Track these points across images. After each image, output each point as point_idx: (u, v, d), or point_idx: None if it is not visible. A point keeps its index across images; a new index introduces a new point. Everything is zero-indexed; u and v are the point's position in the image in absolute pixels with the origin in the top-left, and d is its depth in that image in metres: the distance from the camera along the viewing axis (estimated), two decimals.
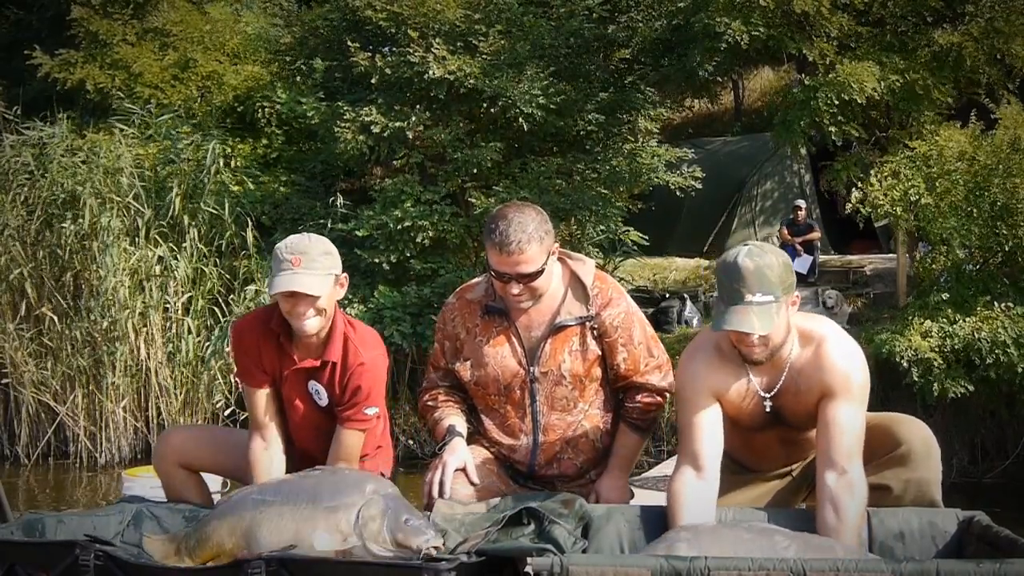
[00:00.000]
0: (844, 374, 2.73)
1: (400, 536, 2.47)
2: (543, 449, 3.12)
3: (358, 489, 2.57)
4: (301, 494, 2.58)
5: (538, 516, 2.56)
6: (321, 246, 3.05)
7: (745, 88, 19.14)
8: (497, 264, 2.95)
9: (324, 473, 2.73)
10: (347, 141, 10.39)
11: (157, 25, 12.76)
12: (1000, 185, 8.98)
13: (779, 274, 2.65)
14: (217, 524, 2.65)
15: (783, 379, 2.79)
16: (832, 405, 2.71)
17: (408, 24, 10.71)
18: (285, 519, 2.55)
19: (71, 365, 10.26)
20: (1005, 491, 8.83)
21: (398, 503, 2.55)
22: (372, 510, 2.51)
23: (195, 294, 10.42)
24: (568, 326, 3.07)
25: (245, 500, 2.66)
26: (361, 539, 2.49)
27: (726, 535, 2.47)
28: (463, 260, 10.87)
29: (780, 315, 2.66)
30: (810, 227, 13.42)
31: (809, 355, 2.77)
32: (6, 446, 10.66)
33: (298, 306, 2.99)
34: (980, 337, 8.65)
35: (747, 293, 2.61)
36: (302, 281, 2.95)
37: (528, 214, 2.96)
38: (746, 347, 2.72)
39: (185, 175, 10.79)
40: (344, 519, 2.51)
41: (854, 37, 10.51)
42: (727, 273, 2.66)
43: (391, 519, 2.49)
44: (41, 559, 2.49)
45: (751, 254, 2.65)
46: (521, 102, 10.14)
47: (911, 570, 2.20)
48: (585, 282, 3.09)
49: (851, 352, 2.78)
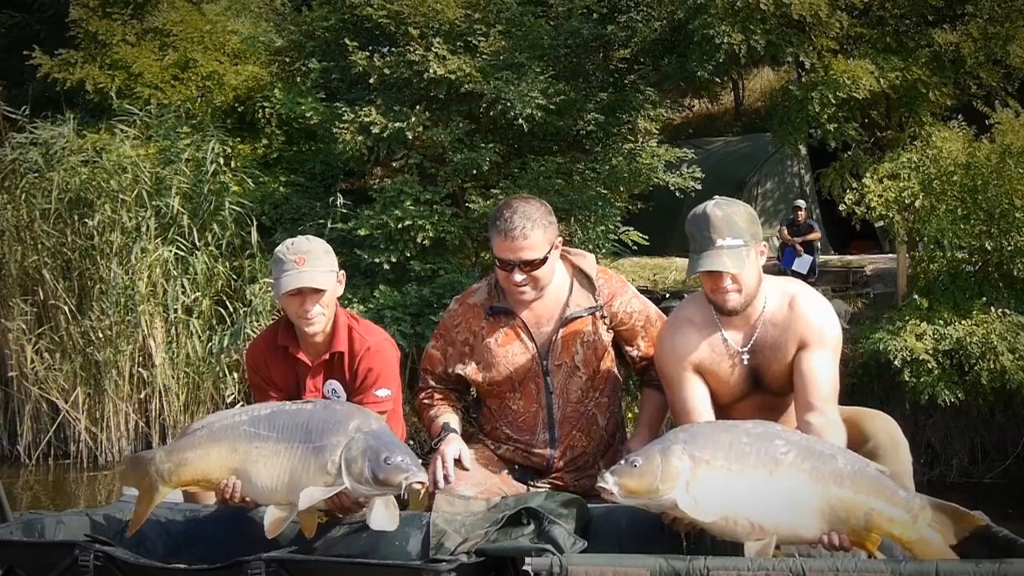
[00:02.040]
0: (818, 324, 2.84)
1: (381, 475, 2.48)
2: (560, 441, 3.16)
3: (343, 428, 2.56)
4: (295, 432, 2.58)
5: (537, 516, 2.56)
6: (320, 245, 3.16)
7: (745, 88, 19.15)
8: (501, 250, 3.04)
9: (316, 408, 2.69)
10: (346, 142, 10.39)
11: (157, 25, 12.74)
12: (995, 189, 8.95)
13: (746, 220, 2.81)
14: (203, 451, 2.62)
15: (757, 333, 2.88)
16: (807, 355, 2.81)
17: (408, 22, 10.70)
18: (281, 458, 2.56)
19: (78, 362, 10.27)
20: (1005, 491, 8.82)
21: (380, 440, 2.53)
22: (354, 450, 2.52)
23: (201, 294, 10.42)
24: (578, 317, 3.14)
25: (236, 430, 2.63)
26: (347, 481, 2.50)
27: (723, 439, 2.44)
28: (463, 260, 10.87)
29: (750, 258, 2.78)
30: (810, 227, 13.41)
31: (782, 309, 2.88)
32: (7, 446, 10.66)
33: (305, 303, 3.07)
34: (972, 341, 8.62)
35: (717, 238, 2.75)
36: (309, 276, 3.04)
37: (533, 204, 3.08)
38: (721, 294, 2.81)
39: (185, 175, 10.79)
40: (331, 460, 2.52)
41: (854, 37, 10.51)
42: (697, 224, 2.80)
43: (372, 458, 2.49)
44: (41, 560, 2.48)
45: (718, 204, 2.83)
46: (521, 103, 10.13)
47: (911, 570, 2.20)
48: (589, 273, 3.18)
49: (823, 306, 2.92)
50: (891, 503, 2.38)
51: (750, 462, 2.39)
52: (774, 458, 2.39)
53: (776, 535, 2.39)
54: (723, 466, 2.39)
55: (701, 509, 2.37)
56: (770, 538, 2.37)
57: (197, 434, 2.69)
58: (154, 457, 2.69)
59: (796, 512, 2.38)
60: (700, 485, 2.38)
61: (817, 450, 2.44)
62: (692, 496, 2.37)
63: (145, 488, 2.69)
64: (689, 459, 2.39)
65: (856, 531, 2.38)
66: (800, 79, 11.49)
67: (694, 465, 2.39)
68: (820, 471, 2.39)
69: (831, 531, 2.37)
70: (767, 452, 2.40)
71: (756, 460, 2.39)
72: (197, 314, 10.36)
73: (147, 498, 2.69)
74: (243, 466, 2.59)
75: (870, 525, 2.38)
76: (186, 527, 2.77)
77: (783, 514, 2.38)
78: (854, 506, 2.37)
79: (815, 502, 2.37)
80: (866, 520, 2.37)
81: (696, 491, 2.37)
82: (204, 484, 2.67)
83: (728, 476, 2.39)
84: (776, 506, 2.38)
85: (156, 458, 2.69)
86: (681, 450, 2.40)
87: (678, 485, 2.38)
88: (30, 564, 2.49)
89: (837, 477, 2.38)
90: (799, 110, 10.19)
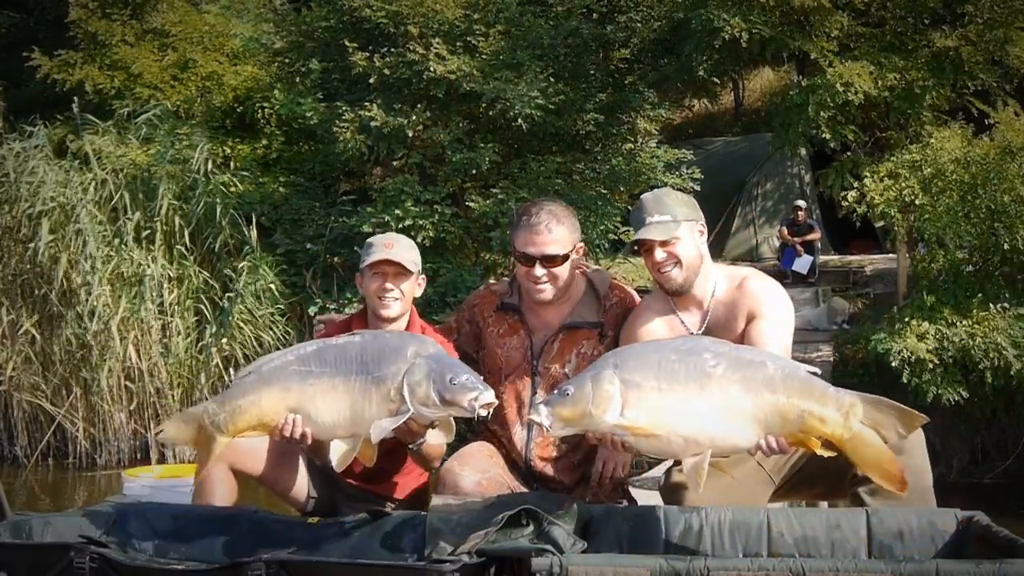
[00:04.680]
0: (764, 299, 2.97)
1: (448, 396, 2.47)
2: (537, 444, 3.19)
3: (400, 355, 2.54)
4: (349, 364, 2.55)
5: (537, 517, 2.55)
6: (409, 241, 3.32)
7: (745, 88, 19.14)
8: (524, 244, 3.12)
9: (365, 339, 2.66)
10: (346, 141, 10.38)
11: (156, 26, 12.74)
12: (996, 187, 8.94)
13: (678, 202, 3.02)
14: (255, 396, 2.60)
15: (710, 315, 3.03)
16: (754, 326, 2.92)
17: (407, 22, 10.69)
18: (339, 392, 2.54)
19: (63, 370, 10.24)
20: (1005, 491, 8.82)
21: (442, 363, 2.52)
22: (417, 375, 2.50)
23: (179, 295, 10.40)
24: (579, 328, 3.18)
25: (285, 370, 2.60)
26: (412, 406, 2.48)
27: (652, 359, 2.45)
28: (463, 260, 10.86)
29: (682, 232, 2.96)
30: (810, 227, 13.40)
31: (733, 290, 3.03)
32: (5, 447, 10.65)
33: (387, 281, 3.14)
34: (975, 343, 8.61)
35: (648, 216, 2.96)
36: (397, 253, 3.15)
37: (560, 205, 3.23)
38: (662, 272, 2.98)
39: (175, 177, 10.77)
40: (393, 388, 2.49)
41: (854, 37, 10.49)
42: (634, 212, 3.05)
43: (437, 380, 2.48)
44: (34, 562, 2.44)
45: (654, 192, 3.11)
46: (520, 103, 10.12)
47: (911, 570, 2.18)
48: (599, 290, 3.24)
49: (772, 285, 3.05)
50: (821, 403, 2.38)
51: (680, 379, 2.40)
52: (704, 372, 2.40)
53: (712, 448, 2.40)
54: (654, 386, 2.40)
55: (635, 430, 2.39)
56: (706, 452, 2.39)
57: (246, 380, 2.65)
58: (206, 410, 2.66)
59: (730, 423, 2.39)
60: (632, 407, 2.39)
61: (746, 359, 2.45)
62: (626, 418, 2.39)
63: (202, 443, 2.66)
64: (620, 382, 2.40)
65: (793, 434, 2.39)
66: (799, 81, 11.47)
67: (625, 388, 2.40)
68: (751, 379, 2.40)
69: (766, 436, 2.39)
70: (697, 367, 2.41)
71: (686, 376, 2.40)
72: (181, 314, 10.33)
73: (206, 452, 2.66)
74: (299, 405, 2.56)
75: (804, 427, 2.38)
76: (175, 527, 2.74)
77: (718, 427, 2.39)
78: (787, 409, 2.37)
79: (748, 411, 2.38)
80: (799, 422, 2.38)
81: (629, 414, 2.39)
82: (262, 429, 2.63)
83: (660, 395, 2.39)
84: (710, 420, 2.39)
85: (209, 411, 2.65)
86: (612, 374, 2.41)
87: (611, 409, 2.39)
88: (23, 566, 2.45)
89: (768, 383, 2.39)
90: (798, 114, 10.17)
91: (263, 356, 2.76)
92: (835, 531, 2.55)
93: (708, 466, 2.61)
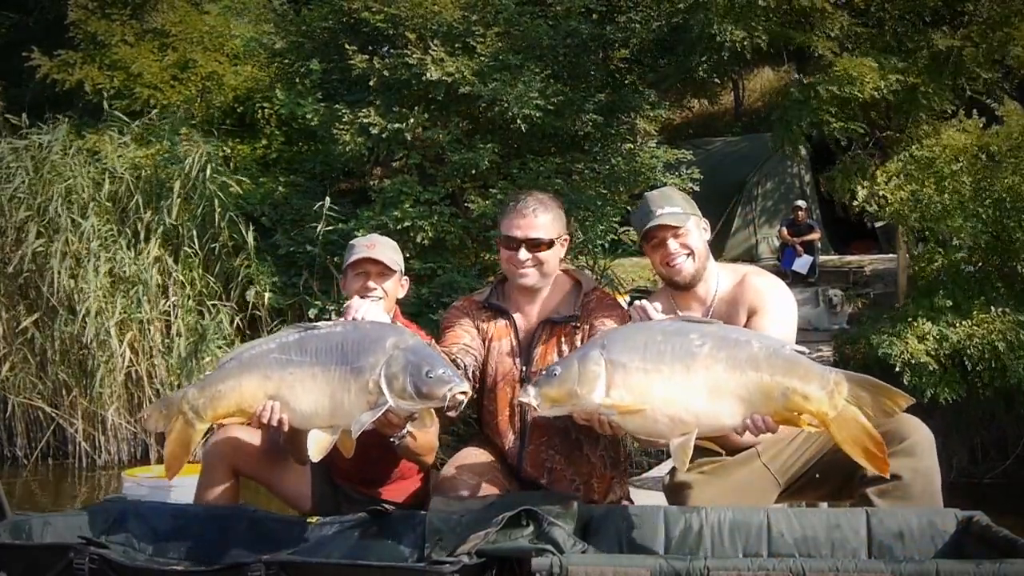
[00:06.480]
0: (766, 293, 2.98)
1: (425, 389, 2.46)
2: (529, 452, 3.14)
3: (379, 346, 2.53)
4: (330, 354, 2.55)
5: (537, 517, 2.55)
6: (391, 242, 3.35)
7: (745, 88, 19.16)
8: (509, 228, 3.12)
9: (347, 329, 2.65)
10: (346, 143, 10.38)
11: (156, 26, 12.75)
12: (1011, 175, 8.87)
13: (682, 198, 3.07)
14: (235, 382, 2.59)
15: (712, 312, 3.03)
16: (756, 319, 2.92)
17: (405, 25, 10.68)
18: (318, 381, 2.53)
19: (61, 372, 10.23)
20: (1005, 491, 8.82)
21: (420, 355, 2.51)
22: (394, 367, 2.49)
23: (181, 296, 10.40)
24: (557, 323, 3.14)
25: (266, 358, 2.60)
26: (390, 399, 2.47)
27: (638, 339, 2.47)
28: (462, 260, 10.85)
29: (691, 224, 3.00)
30: (810, 227, 13.41)
31: (735, 286, 3.04)
32: (5, 447, 10.64)
33: (369, 280, 3.17)
34: (973, 344, 8.60)
35: (657, 208, 2.99)
36: (380, 252, 3.18)
37: (547, 194, 3.26)
38: (673, 264, 2.98)
39: (175, 179, 10.76)
40: (371, 381, 2.49)
41: (853, 37, 10.48)
42: (639, 210, 3.07)
43: (413, 373, 2.47)
44: (34, 563, 2.44)
45: (658, 189, 3.18)
46: (518, 104, 10.11)
47: (911, 570, 2.18)
48: (584, 288, 3.20)
49: (774, 281, 3.07)
50: (805, 380, 2.39)
51: (666, 359, 2.41)
52: (690, 352, 2.41)
53: (698, 427, 2.41)
54: (639, 366, 2.41)
55: (621, 409, 2.40)
56: (692, 431, 2.40)
57: (227, 366, 2.65)
58: (185, 395, 2.65)
59: (716, 402, 2.40)
60: (618, 387, 2.40)
61: (732, 338, 2.47)
62: (612, 398, 2.40)
63: (179, 428, 2.65)
64: (606, 362, 2.42)
65: (778, 412, 2.40)
66: (800, 78, 11.46)
67: (611, 368, 2.41)
68: (736, 358, 2.40)
69: (752, 414, 2.40)
70: (682, 347, 2.42)
71: (672, 356, 2.41)
72: (181, 316, 10.33)
73: (182, 439, 2.65)
74: (279, 392, 2.56)
75: (788, 404, 2.39)
76: (174, 527, 2.74)
77: (703, 406, 2.40)
78: (771, 388, 2.38)
79: (734, 389, 2.39)
80: (784, 400, 2.38)
81: (615, 394, 2.40)
82: (240, 415, 2.63)
83: (645, 375, 2.41)
84: (696, 399, 2.40)
85: (188, 395, 2.65)
86: (598, 355, 2.43)
87: (597, 389, 2.40)
88: (23, 567, 2.45)
89: (753, 362, 2.40)
90: (799, 110, 10.16)
91: (245, 343, 2.76)
92: (835, 531, 2.55)
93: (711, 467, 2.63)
